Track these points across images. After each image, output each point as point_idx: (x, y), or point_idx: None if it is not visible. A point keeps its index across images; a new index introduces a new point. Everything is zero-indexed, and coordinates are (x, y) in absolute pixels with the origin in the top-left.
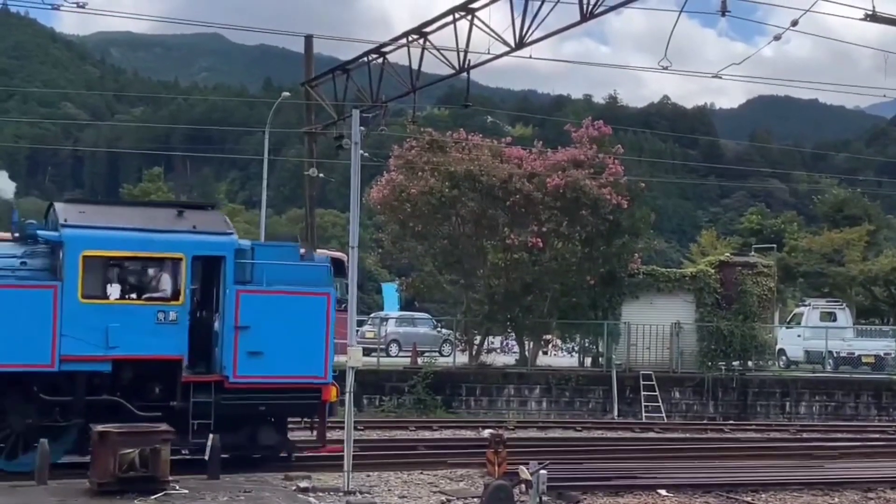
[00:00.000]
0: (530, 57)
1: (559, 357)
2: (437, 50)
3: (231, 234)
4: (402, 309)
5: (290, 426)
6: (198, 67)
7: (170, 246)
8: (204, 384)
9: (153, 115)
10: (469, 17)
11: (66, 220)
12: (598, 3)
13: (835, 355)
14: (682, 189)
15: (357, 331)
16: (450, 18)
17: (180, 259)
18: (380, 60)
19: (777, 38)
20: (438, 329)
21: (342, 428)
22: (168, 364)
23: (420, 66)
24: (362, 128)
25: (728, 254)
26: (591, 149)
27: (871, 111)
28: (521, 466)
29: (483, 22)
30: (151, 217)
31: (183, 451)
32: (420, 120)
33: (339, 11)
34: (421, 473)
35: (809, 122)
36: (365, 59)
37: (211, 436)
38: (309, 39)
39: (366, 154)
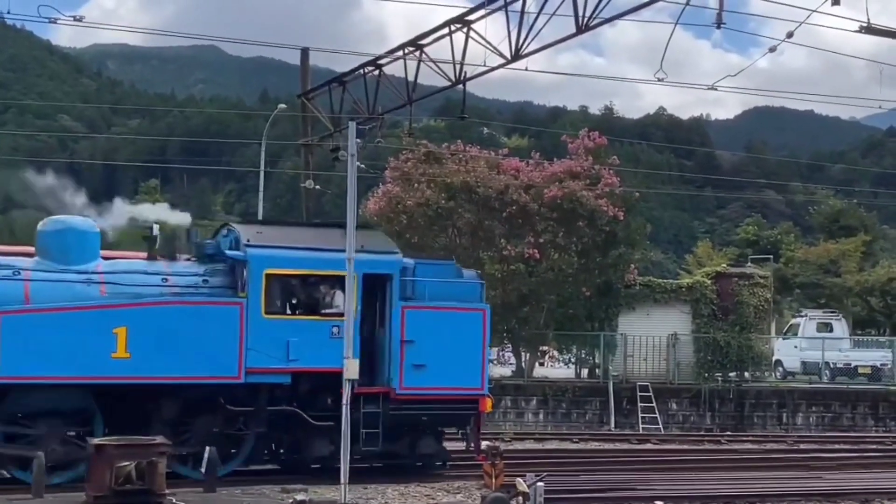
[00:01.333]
0: (526, 69)
1: (556, 368)
2: (434, 62)
3: (397, 253)
4: None
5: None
6: (194, 79)
7: (342, 265)
8: (373, 395)
9: (150, 127)
10: (465, 30)
11: (248, 241)
12: (594, 16)
13: (831, 366)
14: (679, 200)
15: None
16: (446, 31)
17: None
18: (376, 72)
19: (772, 49)
20: None
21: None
22: (341, 376)
23: (416, 78)
24: (358, 140)
25: (724, 265)
26: (588, 160)
27: (867, 122)
28: (519, 479)
29: (479, 34)
30: (322, 237)
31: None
32: (416, 132)
33: (334, 24)
34: (418, 486)
35: (805, 133)
36: (361, 71)
37: (208, 449)
38: (305, 52)
39: (362, 166)
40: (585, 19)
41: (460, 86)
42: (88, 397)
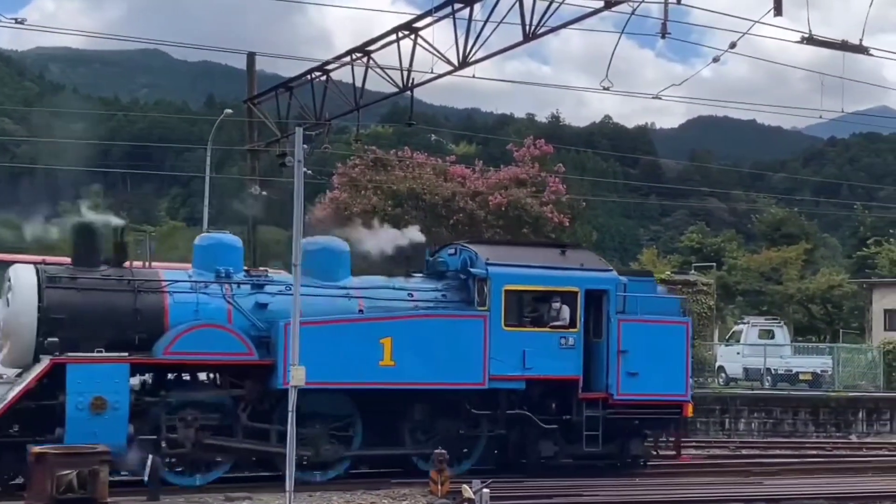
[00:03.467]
0: (473, 76)
1: None
2: (381, 68)
3: (611, 270)
4: None
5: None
6: (138, 83)
7: (568, 281)
8: (593, 401)
9: (93, 131)
10: (412, 37)
11: (488, 259)
12: (541, 24)
13: (773, 372)
14: (624, 208)
15: None
16: (393, 37)
17: (576, 292)
18: (323, 78)
19: (716, 59)
20: None
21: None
22: (566, 383)
23: (364, 84)
24: (305, 145)
25: (669, 272)
26: (533, 167)
27: (808, 132)
28: (464, 485)
29: (426, 41)
30: (544, 255)
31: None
32: (364, 138)
33: (279, 29)
34: (364, 493)
35: (748, 143)
36: (308, 76)
37: (151, 457)
38: (251, 56)
39: (309, 172)
40: (532, 27)
41: (408, 92)
42: (349, 402)
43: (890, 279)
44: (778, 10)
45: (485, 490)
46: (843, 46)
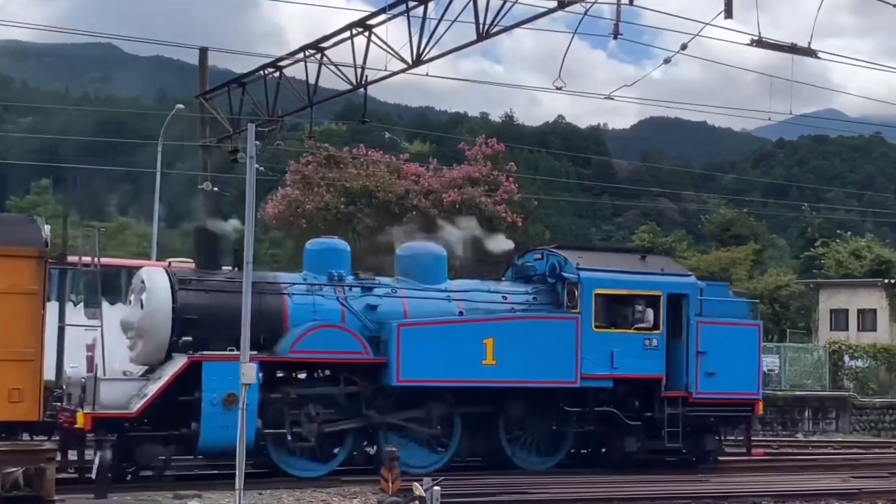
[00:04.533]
0: (427, 74)
1: None
2: (335, 65)
3: (691, 275)
4: None
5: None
6: (90, 77)
7: (652, 286)
8: (674, 399)
9: (42, 125)
10: (366, 34)
11: (578, 265)
12: (494, 23)
13: None
14: (577, 207)
15: None
16: (347, 34)
17: (658, 296)
18: (276, 74)
19: (667, 61)
20: None
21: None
22: (650, 382)
23: (317, 80)
24: (258, 142)
25: None
26: (486, 166)
27: (758, 133)
28: (415, 483)
29: (380, 38)
30: (627, 261)
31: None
32: (317, 135)
33: (231, 24)
34: (314, 491)
35: (699, 144)
36: (261, 72)
37: (99, 454)
38: (204, 52)
39: (261, 168)
40: (486, 27)
41: (361, 90)
42: (450, 399)
43: (836, 280)
44: (728, 12)
45: (435, 488)
46: (792, 49)
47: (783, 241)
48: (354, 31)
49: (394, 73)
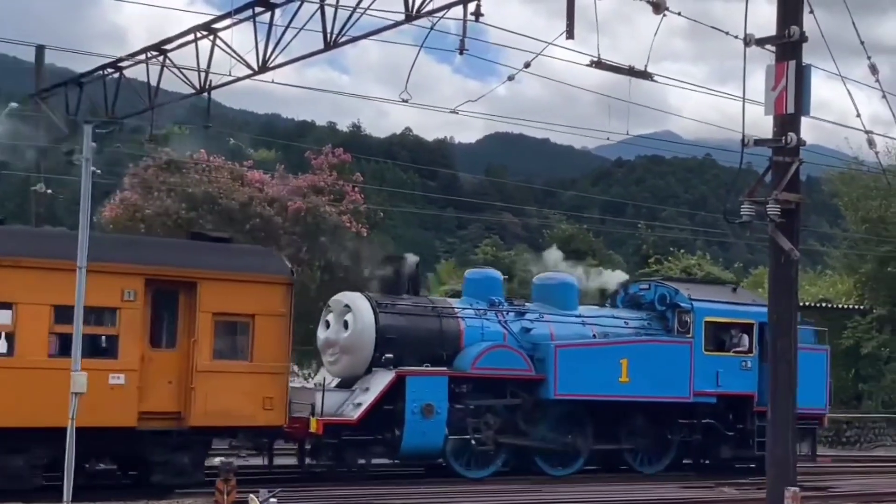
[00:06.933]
0: (272, 81)
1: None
2: (178, 68)
3: None
4: None
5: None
6: None
7: (748, 315)
8: (763, 413)
9: None
10: (211, 37)
11: (690, 296)
12: (342, 33)
13: None
14: (422, 219)
15: None
16: (191, 37)
17: (752, 324)
18: (116, 75)
19: (511, 78)
20: None
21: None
22: (744, 398)
23: (159, 83)
24: (94, 144)
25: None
26: (332, 175)
27: (597, 152)
28: (251, 495)
29: (225, 43)
30: (722, 293)
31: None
32: (159, 139)
33: (71, 23)
34: (147, 503)
35: (542, 160)
36: (101, 72)
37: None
38: (40, 49)
39: (98, 171)
40: (334, 36)
41: (205, 94)
42: (584, 409)
43: None
44: (570, 33)
45: (272, 500)
46: (630, 72)
47: (619, 257)
48: (199, 35)
49: (238, 79)
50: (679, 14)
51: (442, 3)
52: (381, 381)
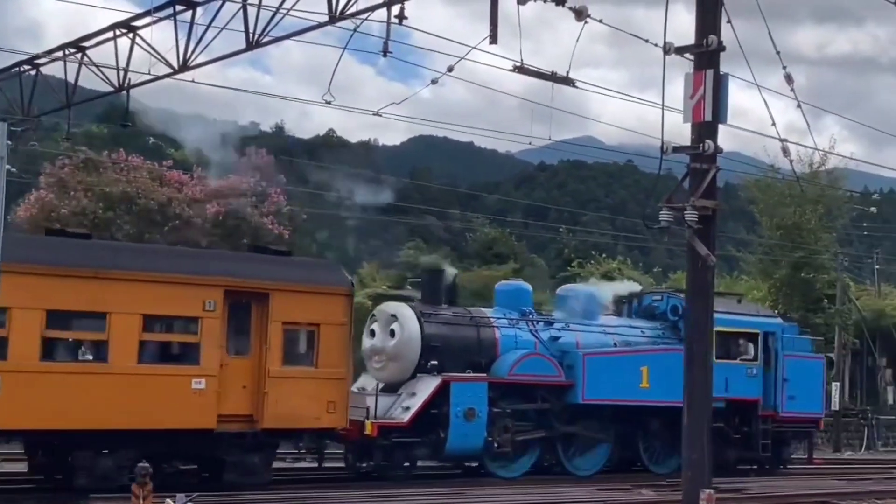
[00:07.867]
0: (193, 80)
1: None
2: (96, 66)
3: (776, 316)
4: None
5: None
6: None
7: (752, 325)
8: (766, 417)
9: None
10: (130, 35)
11: None
12: (265, 33)
13: None
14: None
15: None
16: (110, 34)
17: (756, 334)
18: (33, 72)
19: (434, 81)
20: None
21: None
22: (750, 403)
23: (77, 80)
24: (9, 142)
25: (385, 286)
26: (254, 177)
27: (521, 157)
28: (168, 499)
29: (145, 41)
30: (728, 304)
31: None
32: (76, 137)
33: None
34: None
35: (466, 164)
36: (17, 69)
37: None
38: None
39: (13, 170)
40: (256, 36)
41: (124, 92)
42: (608, 413)
43: None
44: (493, 38)
45: None
46: (552, 77)
47: (541, 260)
48: (118, 32)
49: (158, 78)
50: (601, 21)
51: (365, 6)
52: (427, 386)
